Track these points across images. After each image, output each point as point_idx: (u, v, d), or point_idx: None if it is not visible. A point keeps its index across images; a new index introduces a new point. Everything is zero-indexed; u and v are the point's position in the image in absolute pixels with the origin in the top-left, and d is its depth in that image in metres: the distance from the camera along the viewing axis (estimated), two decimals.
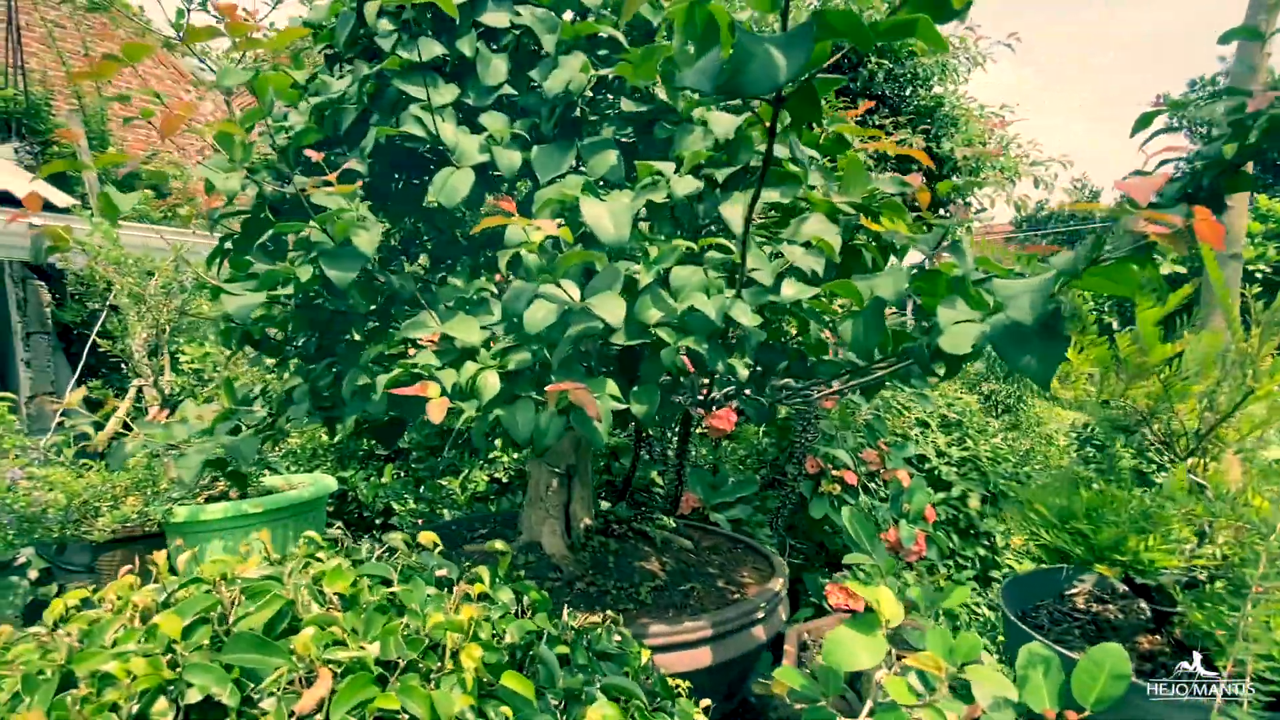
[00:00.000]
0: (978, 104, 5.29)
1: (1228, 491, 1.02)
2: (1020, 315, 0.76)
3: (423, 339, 1.19)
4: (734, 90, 0.49)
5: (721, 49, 0.59)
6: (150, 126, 4.94)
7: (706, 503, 3.18)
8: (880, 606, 0.86)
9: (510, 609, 1.02)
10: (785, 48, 0.50)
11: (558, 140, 1.25)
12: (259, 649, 0.77)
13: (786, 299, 0.99)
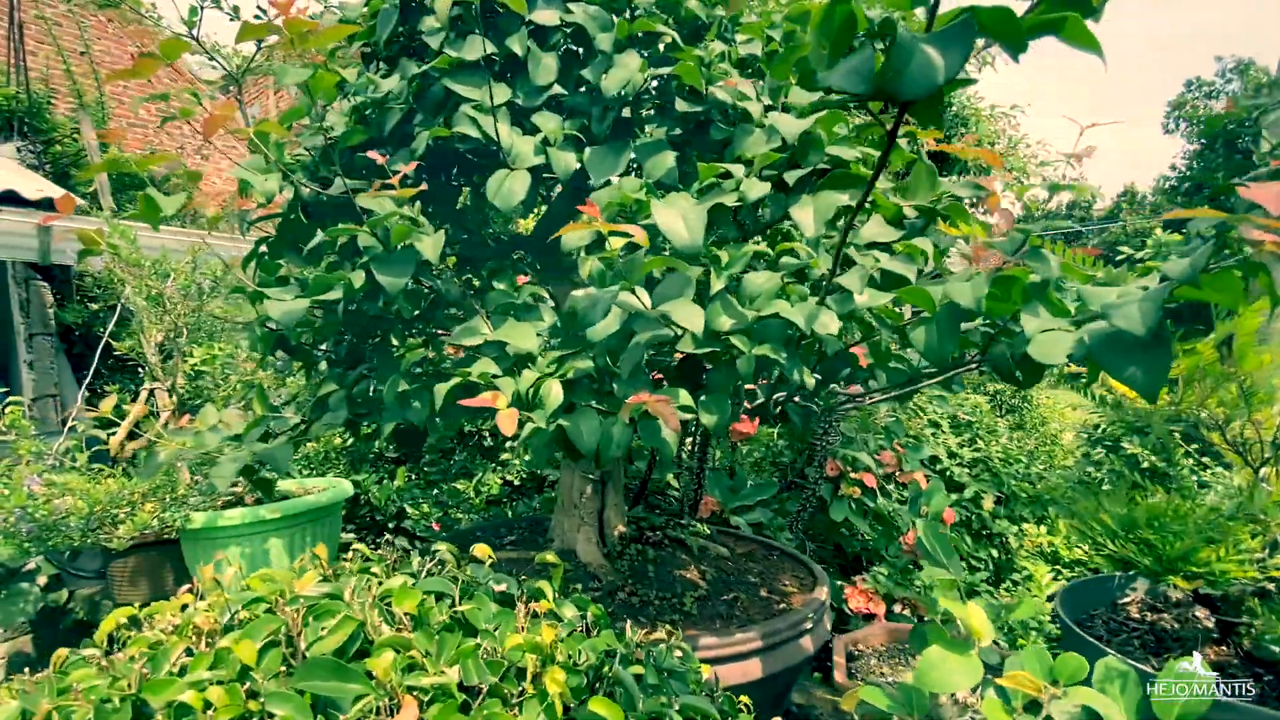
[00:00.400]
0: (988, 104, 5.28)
1: None
2: (1129, 325, 0.73)
3: (451, 348, 1.16)
4: (891, 93, 0.46)
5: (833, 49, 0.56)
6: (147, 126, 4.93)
7: (725, 506, 3.15)
8: (972, 625, 0.84)
9: (576, 626, 0.99)
10: (943, 48, 0.46)
11: (610, 141, 1.21)
12: (337, 675, 0.73)
13: (862, 306, 0.96)
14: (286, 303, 1.22)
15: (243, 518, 2.48)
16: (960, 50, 0.46)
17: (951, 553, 1.01)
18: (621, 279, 1.03)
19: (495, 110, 1.15)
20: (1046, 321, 0.90)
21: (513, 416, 0.89)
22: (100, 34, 6.24)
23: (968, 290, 0.96)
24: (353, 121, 1.35)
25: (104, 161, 1.12)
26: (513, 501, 3.78)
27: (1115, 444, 4.52)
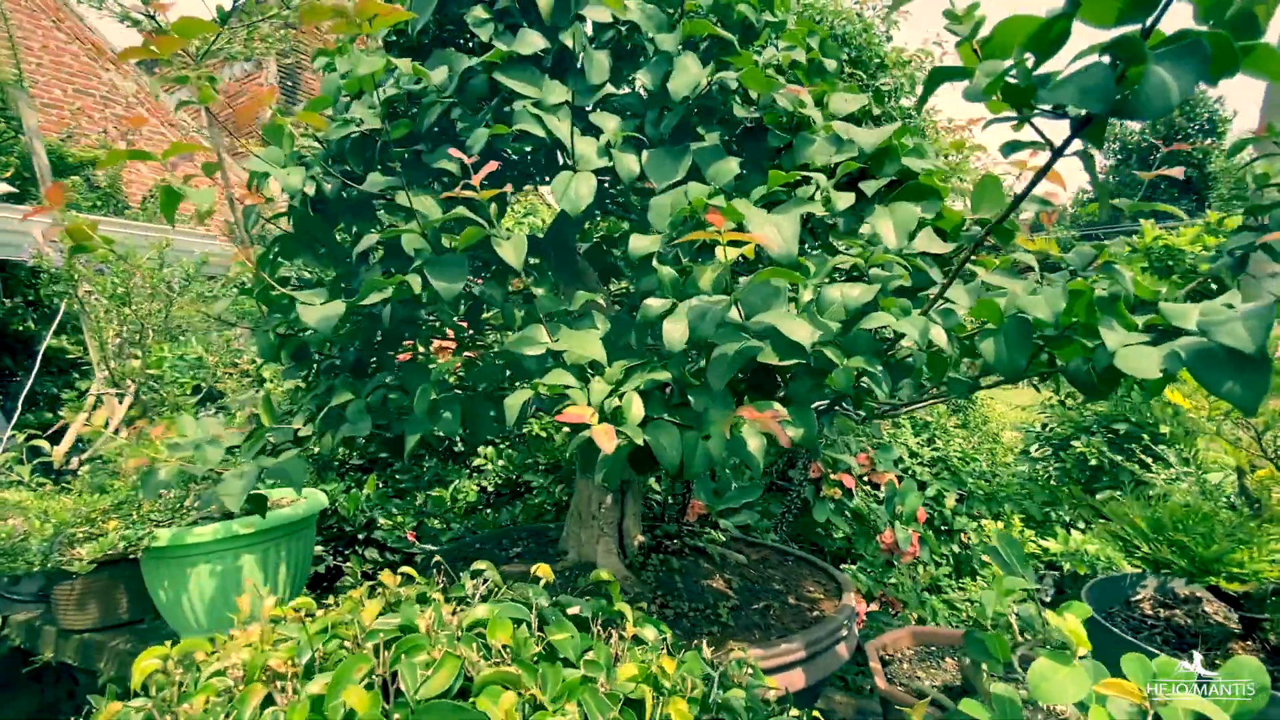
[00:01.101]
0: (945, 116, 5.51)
1: None
2: (1237, 342, 0.75)
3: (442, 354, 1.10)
4: (1129, 112, 0.45)
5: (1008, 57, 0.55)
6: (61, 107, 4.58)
7: (711, 509, 3.15)
8: (1073, 636, 0.85)
9: (660, 649, 0.95)
10: (1174, 71, 0.46)
11: (668, 145, 1.18)
12: (457, 717, 0.67)
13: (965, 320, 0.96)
14: (319, 307, 1.13)
15: (214, 534, 2.32)
16: (1190, 74, 0.46)
17: (1026, 562, 1.03)
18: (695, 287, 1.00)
19: (555, 109, 1.10)
20: (1126, 336, 0.92)
21: (609, 432, 0.85)
22: (14, 6, 5.70)
23: (1043, 304, 0.97)
24: (382, 114, 1.26)
25: (119, 152, 1.01)
26: (491, 509, 3.68)
27: (1065, 442, 4.77)
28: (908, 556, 3.57)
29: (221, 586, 2.43)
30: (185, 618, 2.41)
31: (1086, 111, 0.56)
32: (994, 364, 0.98)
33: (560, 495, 3.47)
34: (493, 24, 1.17)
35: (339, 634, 0.83)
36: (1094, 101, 0.48)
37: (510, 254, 0.98)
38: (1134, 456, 3.90)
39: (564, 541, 1.91)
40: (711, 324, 0.84)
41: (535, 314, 1.18)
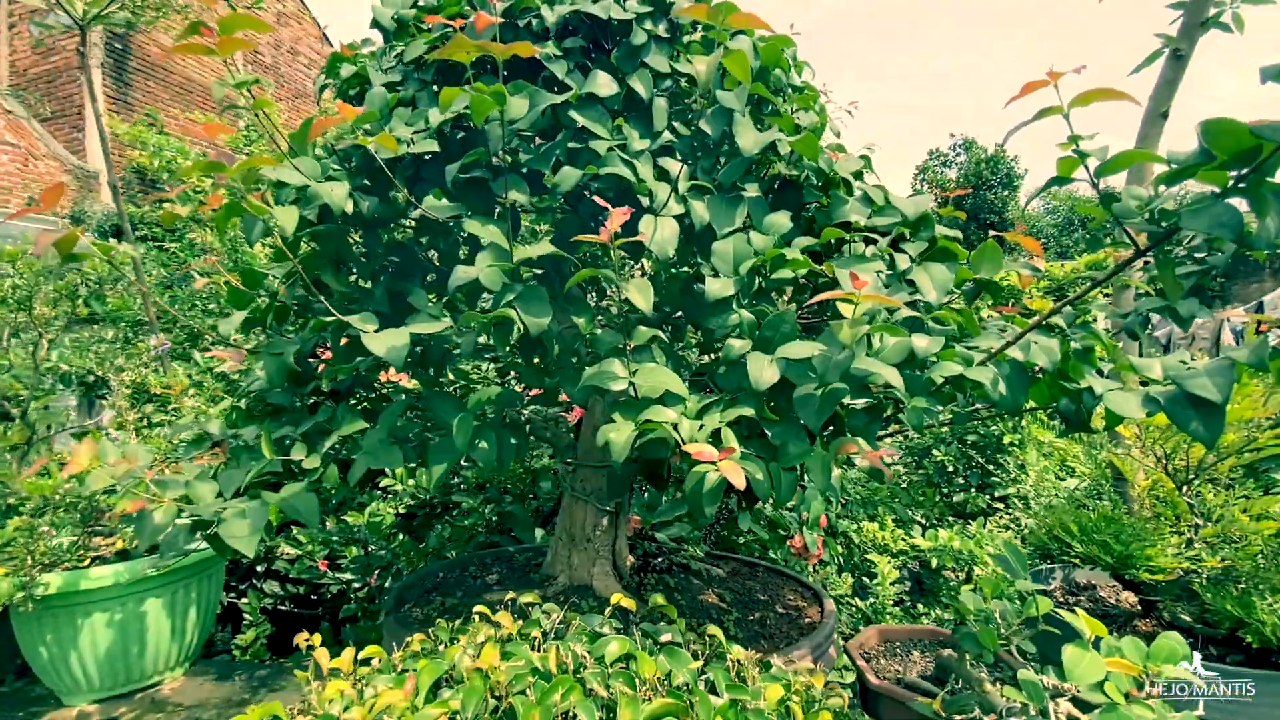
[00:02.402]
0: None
1: (1216, 513, 1.41)
2: (1208, 393, 0.99)
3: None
4: (1249, 244, 0.62)
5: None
6: None
7: (646, 523, 3.26)
8: (1089, 627, 1.05)
9: (749, 665, 1.03)
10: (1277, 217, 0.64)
11: (724, 194, 1.27)
12: None
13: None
14: (385, 336, 1.07)
15: (116, 576, 2.04)
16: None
17: (1025, 564, 1.24)
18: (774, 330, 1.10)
19: (639, 154, 1.15)
20: (1107, 382, 1.16)
21: (737, 469, 0.91)
22: None
23: (1043, 354, 1.19)
24: (429, 137, 1.23)
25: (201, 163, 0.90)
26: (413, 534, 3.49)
27: (926, 451, 5.44)
28: (814, 558, 3.90)
29: (121, 638, 2.11)
30: (71, 676, 2.07)
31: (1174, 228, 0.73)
32: (999, 402, 1.18)
33: (490, 516, 3.39)
34: (565, 62, 1.19)
35: (467, 679, 0.82)
36: (1226, 232, 0.65)
37: (639, 298, 1.01)
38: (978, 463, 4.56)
39: (550, 566, 1.90)
40: (838, 371, 0.94)
41: (596, 348, 1.21)
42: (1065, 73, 0.75)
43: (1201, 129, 0.65)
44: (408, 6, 1.40)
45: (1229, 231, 0.66)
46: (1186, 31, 2.11)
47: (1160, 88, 2.12)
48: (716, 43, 1.26)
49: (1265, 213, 0.65)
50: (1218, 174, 0.67)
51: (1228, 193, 0.67)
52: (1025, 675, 1.08)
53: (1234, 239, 0.66)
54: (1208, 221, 0.67)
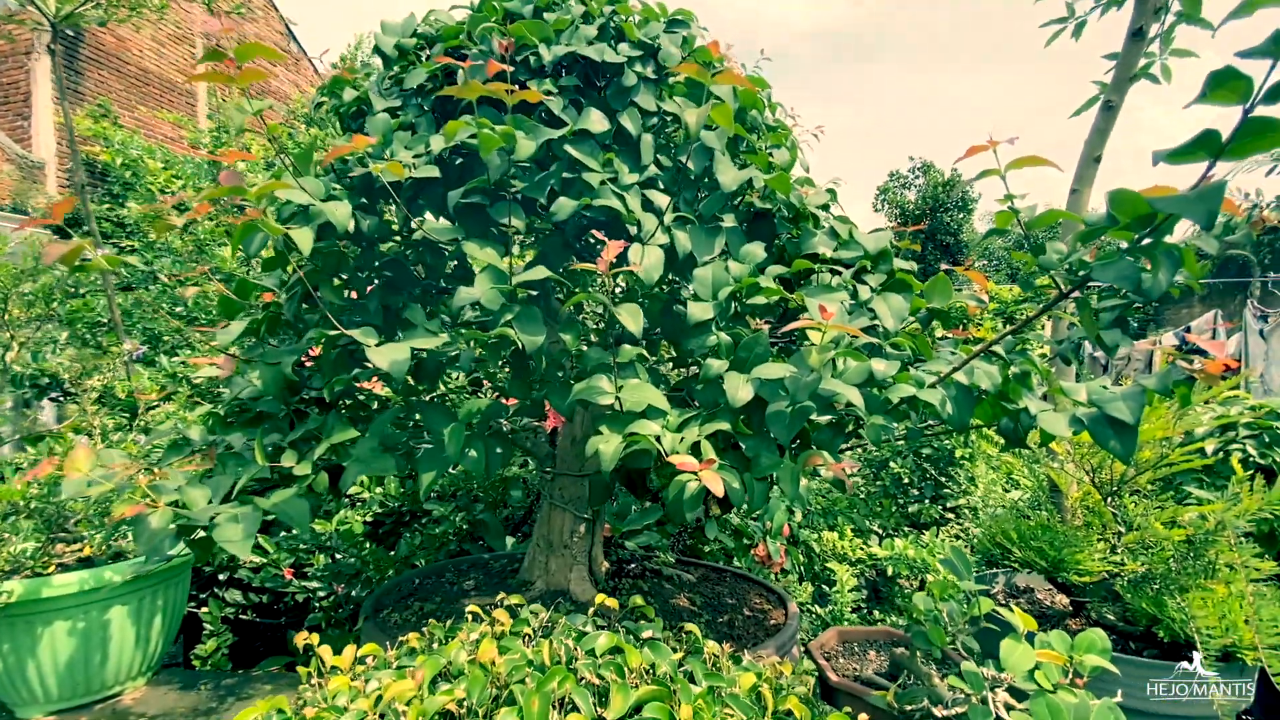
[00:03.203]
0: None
1: (1135, 521, 1.57)
2: (1123, 415, 1.14)
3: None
4: (1143, 293, 0.75)
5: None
6: None
7: (616, 531, 3.34)
8: (1020, 621, 1.18)
9: (719, 656, 1.12)
10: (1168, 270, 0.77)
11: (703, 225, 1.38)
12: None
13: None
14: (387, 350, 1.14)
15: (80, 584, 2.02)
16: (1174, 269, 0.77)
17: (970, 568, 1.36)
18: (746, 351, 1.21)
19: (629, 188, 1.24)
20: (1041, 404, 1.30)
21: (717, 479, 1.01)
22: None
23: (985, 378, 1.33)
24: (429, 163, 1.30)
25: (221, 188, 0.96)
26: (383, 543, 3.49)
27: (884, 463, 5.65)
28: (776, 566, 4.03)
29: (83, 647, 2.09)
30: (28, 688, 2.03)
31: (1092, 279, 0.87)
32: (948, 420, 1.31)
33: (461, 524, 3.42)
34: (560, 99, 1.29)
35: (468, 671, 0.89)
36: (1126, 283, 0.78)
37: (630, 321, 1.10)
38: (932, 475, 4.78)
39: (527, 571, 1.96)
40: (807, 391, 1.05)
41: (583, 365, 1.30)
42: (1001, 142, 0.89)
43: (1109, 198, 0.78)
44: (409, 35, 1.47)
45: (1129, 283, 0.79)
46: (1117, 85, 2.33)
47: (1093, 135, 2.33)
48: (704, 88, 1.38)
49: (1158, 268, 0.78)
50: (1125, 233, 0.80)
51: (1129, 251, 0.80)
52: (968, 667, 1.21)
53: (1132, 289, 0.79)
54: (1113, 274, 0.80)
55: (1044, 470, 2.10)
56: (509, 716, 0.78)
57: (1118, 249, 0.82)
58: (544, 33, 1.33)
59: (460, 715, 0.80)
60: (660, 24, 1.42)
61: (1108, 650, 1.21)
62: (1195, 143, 0.70)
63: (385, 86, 1.52)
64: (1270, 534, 1.63)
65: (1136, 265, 0.79)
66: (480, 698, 0.82)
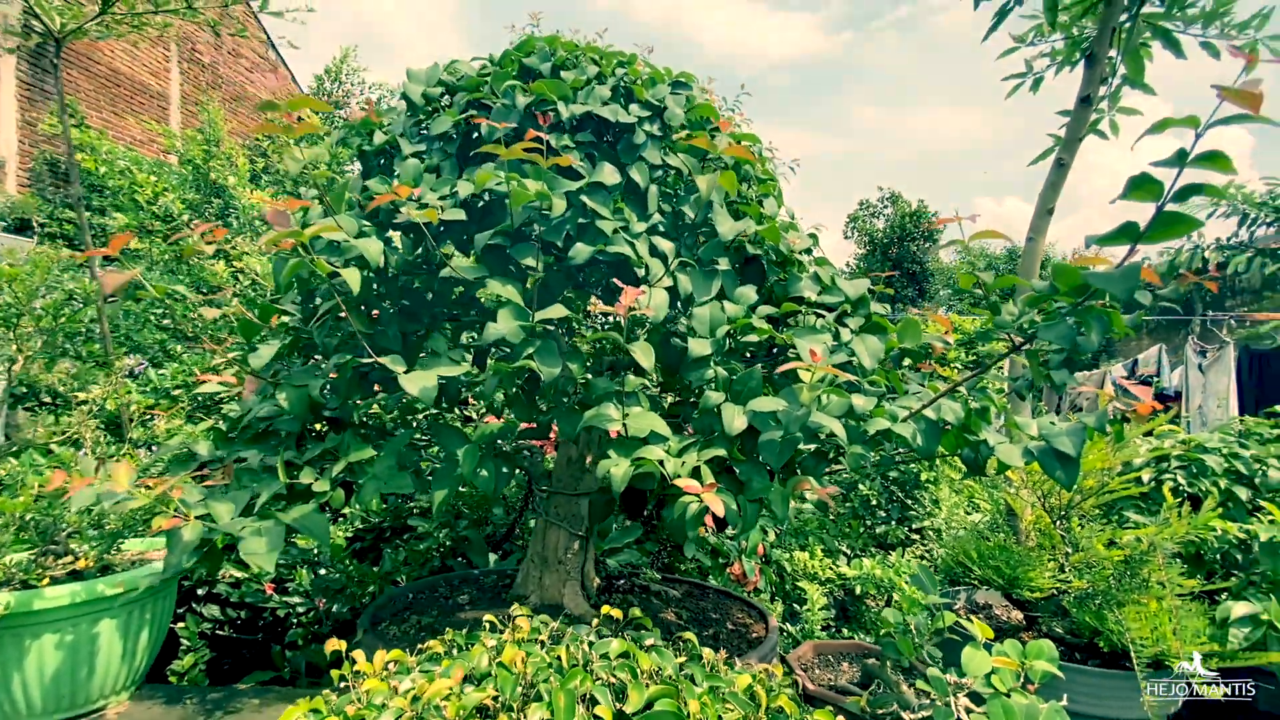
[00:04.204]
0: None
1: (1080, 542, 1.74)
2: (1066, 448, 1.30)
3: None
4: (1078, 351, 0.91)
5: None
6: None
7: (598, 549, 3.43)
8: (979, 631, 1.32)
9: (716, 663, 1.24)
10: (1100, 328, 0.93)
11: (702, 268, 1.52)
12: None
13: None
14: (417, 377, 1.25)
15: (72, 596, 2.05)
16: (1103, 329, 0.93)
17: (935, 585, 1.51)
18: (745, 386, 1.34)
19: (638, 236, 1.38)
20: (998, 436, 1.46)
21: (718, 501, 1.14)
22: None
23: (950, 412, 1.49)
24: (455, 205, 1.42)
25: (287, 230, 1.06)
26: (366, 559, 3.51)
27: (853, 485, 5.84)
28: (751, 585, 4.16)
29: (70, 660, 2.10)
30: (10, 701, 2.05)
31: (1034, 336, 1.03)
32: (917, 449, 1.46)
33: (445, 540, 3.47)
34: (577, 152, 1.42)
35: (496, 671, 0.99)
36: (1065, 341, 0.93)
37: (643, 358, 1.23)
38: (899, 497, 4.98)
39: (521, 586, 2.05)
40: (797, 423, 1.19)
41: (592, 393, 1.42)
42: (966, 217, 1.05)
43: (1052, 270, 0.94)
44: (433, 84, 1.60)
45: (1066, 341, 0.95)
46: (1068, 144, 2.58)
47: (1046, 189, 2.56)
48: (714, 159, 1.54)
49: (1090, 330, 0.94)
50: (1067, 298, 0.97)
51: (1069, 312, 0.96)
52: (933, 673, 1.35)
53: (1068, 346, 0.95)
54: (1054, 334, 0.96)
55: (1002, 495, 2.28)
56: (539, 710, 0.88)
57: (1058, 310, 0.99)
58: (562, 91, 1.47)
59: (494, 710, 0.90)
60: (666, 86, 1.58)
61: (1055, 658, 1.37)
62: (1119, 232, 0.86)
63: (401, 124, 1.64)
64: (1197, 554, 1.83)
65: (1073, 327, 0.96)
66: (512, 694, 0.92)
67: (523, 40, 1.67)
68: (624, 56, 1.66)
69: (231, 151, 4.61)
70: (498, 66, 1.64)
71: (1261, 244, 9.27)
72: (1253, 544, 1.68)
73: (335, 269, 1.17)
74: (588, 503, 1.99)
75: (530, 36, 1.65)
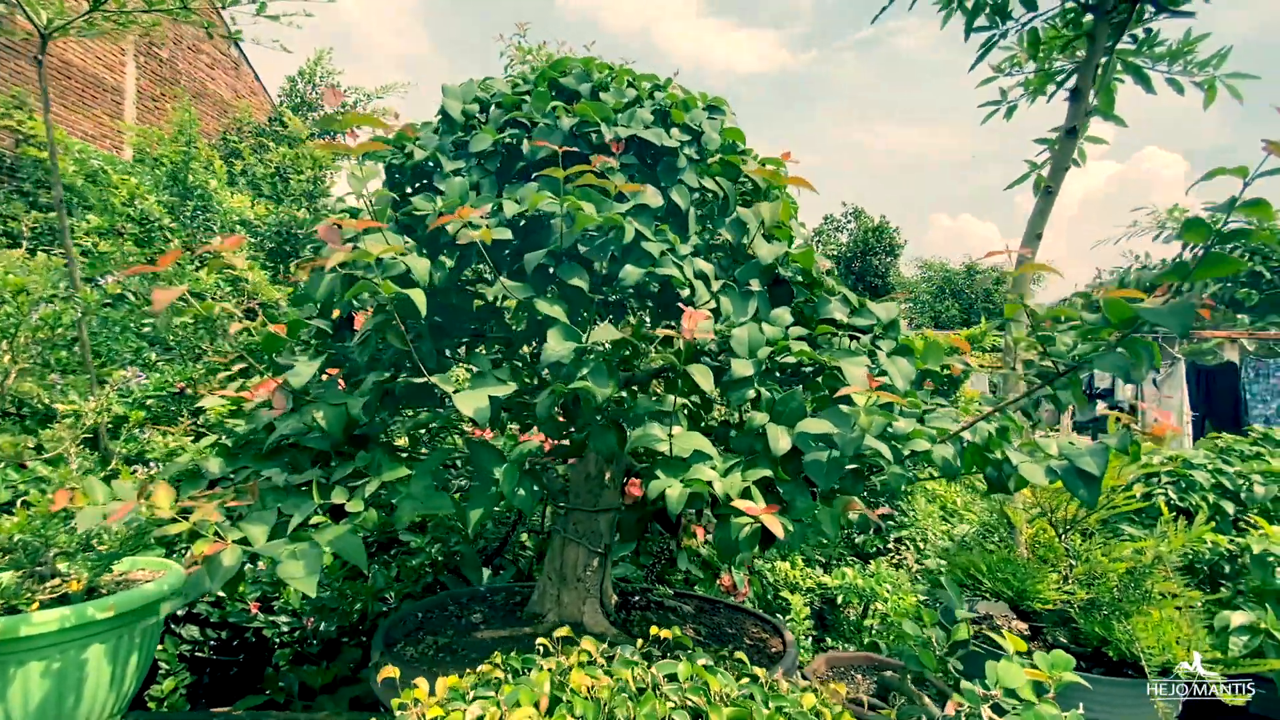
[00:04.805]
0: None
1: (1083, 555, 1.83)
2: (1091, 468, 1.37)
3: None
4: (1129, 379, 0.95)
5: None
6: None
7: None
8: (1012, 645, 1.38)
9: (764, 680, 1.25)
10: (1147, 356, 0.99)
11: (741, 291, 1.55)
12: None
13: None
14: (471, 396, 1.24)
15: (61, 621, 1.95)
16: (1149, 360, 1.00)
17: (960, 599, 1.56)
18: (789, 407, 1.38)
19: (684, 258, 1.40)
20: (1020, 455, 1.53)
21: (777, 523, 1.16)
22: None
23: (974, 433, 1.55)
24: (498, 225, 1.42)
25: (338, 255, 1.04)
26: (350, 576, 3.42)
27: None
28: (741, 595, 4.19)
29: (56, 688, 2.00)
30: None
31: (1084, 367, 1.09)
32: (943, 469, 1.52)
33: (437, 555, 3.41)
34: (622, 174, 1.44)
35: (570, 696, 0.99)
36: (1119, 371, 0.99)
37: (703, 380, 1.24)
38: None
39: (536, 604, 2.03)
40: (852, 446, 1.22)
41: (635, 412, 1.43)
42: (1014, 251, 1.11)
43: (1104, 303, 1.00)
44: (469, 101, 1.59)
45: (1120, 370, 1.02)
46: (1054, 174, 2.71)
47: (1035, 216, 2.69)
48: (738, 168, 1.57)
49: (1140, 361, 1.01)
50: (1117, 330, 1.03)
51: (1120, 344, 1.03)
52: (967, 686, 1.39)
53: (1123, 376, 1.01)
54: (1109, 364, 1.02)
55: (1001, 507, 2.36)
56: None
57: (1108, 344, 1.05)
58: (605, 113, 1.48)
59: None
60: (702, 110, 1.61)
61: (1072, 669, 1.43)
62: (1173, 270, 0.92)
63: (432, 140, 1.63)
64: (1189, 566, 1.93)
65: (1125, 357, 1.02)
66: (593, 718, 0.92)
67: (556, 60, 1.68)
68: (656, 80, 1.69)
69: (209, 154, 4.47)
70: (532, 85, 1.65)
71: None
72: (1243, 556, 1.79)
73: (403, 291, 1.15)
74: (606, 519, 1.99)
75: (565, 57, 1.66)
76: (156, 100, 11.52)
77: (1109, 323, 1.02)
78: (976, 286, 18.87)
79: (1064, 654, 1.47)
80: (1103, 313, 1.01)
